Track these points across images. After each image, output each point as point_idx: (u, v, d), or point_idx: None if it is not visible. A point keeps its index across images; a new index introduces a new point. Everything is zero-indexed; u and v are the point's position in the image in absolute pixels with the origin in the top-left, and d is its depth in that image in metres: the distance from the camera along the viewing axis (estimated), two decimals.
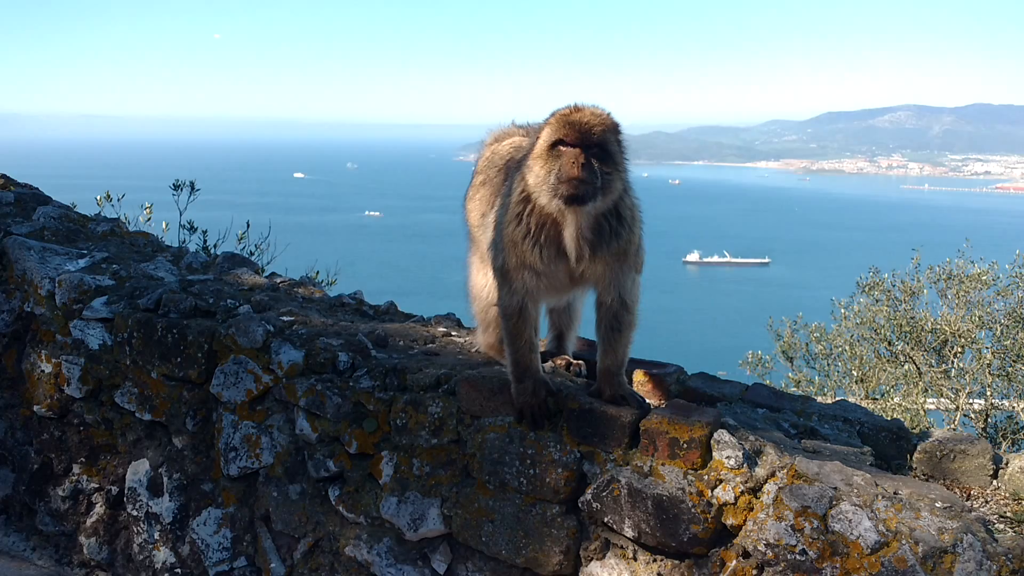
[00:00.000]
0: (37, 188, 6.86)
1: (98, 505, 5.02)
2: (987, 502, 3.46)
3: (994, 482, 3.63)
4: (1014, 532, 3.09)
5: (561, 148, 3.38)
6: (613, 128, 3.47)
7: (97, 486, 5.01)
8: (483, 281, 4.18)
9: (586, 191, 3.34)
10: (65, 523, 5.10)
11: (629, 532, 3.40)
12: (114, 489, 4.95)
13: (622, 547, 3.49)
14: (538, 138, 3.49)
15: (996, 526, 3.15)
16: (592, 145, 3.38)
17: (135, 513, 4.82)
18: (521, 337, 3.70)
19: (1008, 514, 3.31)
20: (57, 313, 5.06)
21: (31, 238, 5.57)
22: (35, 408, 5.11)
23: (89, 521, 5.03)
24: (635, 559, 3.46)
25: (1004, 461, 3.69)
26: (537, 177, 3.42)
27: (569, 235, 3.51)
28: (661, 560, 3.40)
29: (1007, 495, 3.52)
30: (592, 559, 3.57)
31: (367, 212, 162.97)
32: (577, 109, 3.45)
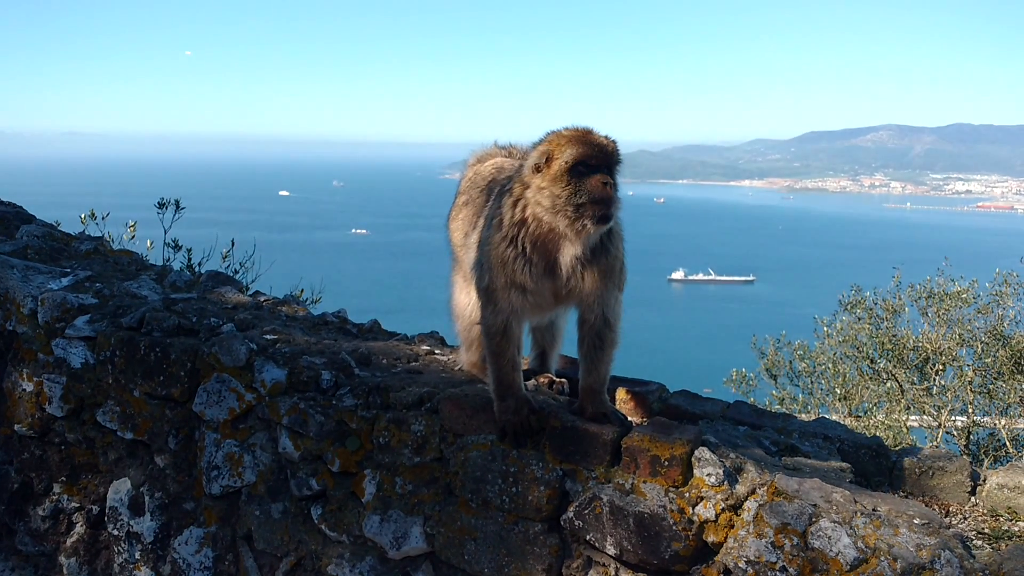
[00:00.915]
0: (20, 206, 6.85)
1: (79, 525, 4.98)
2: (965, 519, 3.49)
3: (972, 499, 3.67)
4: (991, 548, 3.12)
5: (582, 170, 3.43)
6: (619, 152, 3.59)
7: (78, 505, 4.98)
8: (466, 300, 4.21)
9: (612, 212, 3.46)
10: (45, 543, 5.06)
11: (611, 550, 3.41)
12: (95, 508, 4.92)
13: (604, 565, 3.50)
14: (548, 160, 3.48)
15: (974, 542, 3.18)
16: (610, 167, 3.50)
17: (116, 533, 4.79)
18: (504, 356, 3.72)
19: (986, 530, 3.35)
20: (39, 332, 5.04)
21: (14, 256, 5.55)
22: (16, 427, 5.07)
23: (69, 541, 5.00)
24: None
25: (982, 478, 3.73)
26: (557, 199, 3.44)
27: (570, 254, 3.56)
28: None
29: (985, 512, 3.55)
30: None
31: (354, 230, 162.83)
32: (590, 132, 3.53)
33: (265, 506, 4.33)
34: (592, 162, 3.45)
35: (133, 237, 9.42)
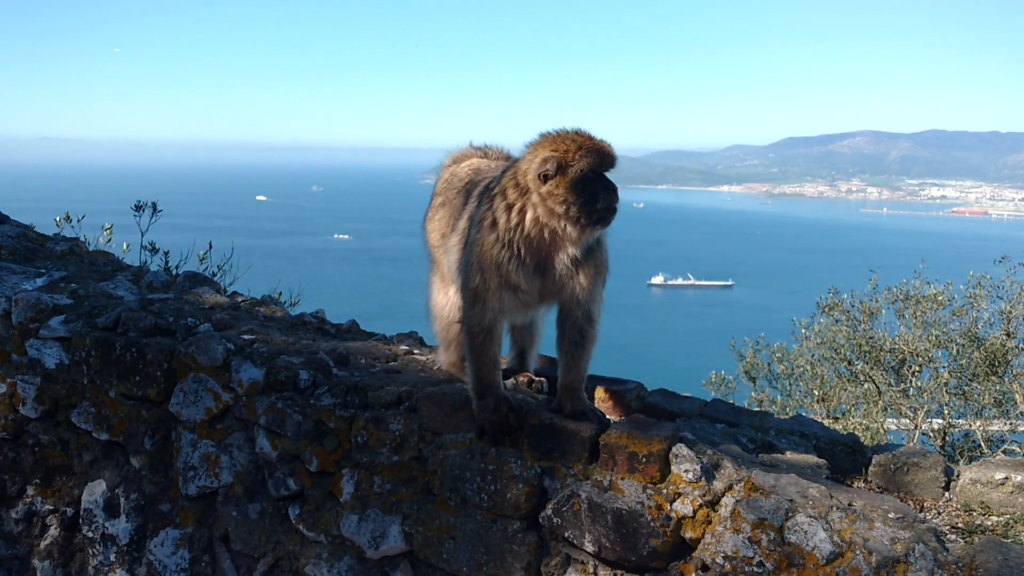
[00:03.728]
0: None
1: (52, 527, 4.93)
2: (939, 513, 3.54)
3: (946, 494, 3.71)
4: (965, 542, 3.15)
5: (592, 176, 3.49)
6: None
7: (52, 508, 4.93)
8: (444, 300, 4.21)
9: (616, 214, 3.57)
10: (18, 546, 5.00)
11: (589, 547, 3.42)
12: (69, 511, 4.87)
13: (583, 562, 3.51)
14: (559, 167, 3.48)
15: (948, 536, 3.21)
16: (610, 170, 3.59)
17: (91, 535, 4.75)
18: (486, 354, 3.73)
19: (959, 524, 3.39)
20: (13, 332, 4.98)
21: None
22: None
23: (43, 544, 4.94)
24: (596, 574, 3.48)
25: (956, 473, 3.78)
26: (572, 206, 3.47)
27: (568, 255, 3.60)
28: (621, 575, 3.42)
29: (958, 506, 3.60)
30: (553, 575, 3.57)
31: (336, 235, 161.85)
32: (592, 136, 3.58)
33: (242, 507, 4.31)
34: (601, 169, 3.53)
35: (109, 240, 9.33)
